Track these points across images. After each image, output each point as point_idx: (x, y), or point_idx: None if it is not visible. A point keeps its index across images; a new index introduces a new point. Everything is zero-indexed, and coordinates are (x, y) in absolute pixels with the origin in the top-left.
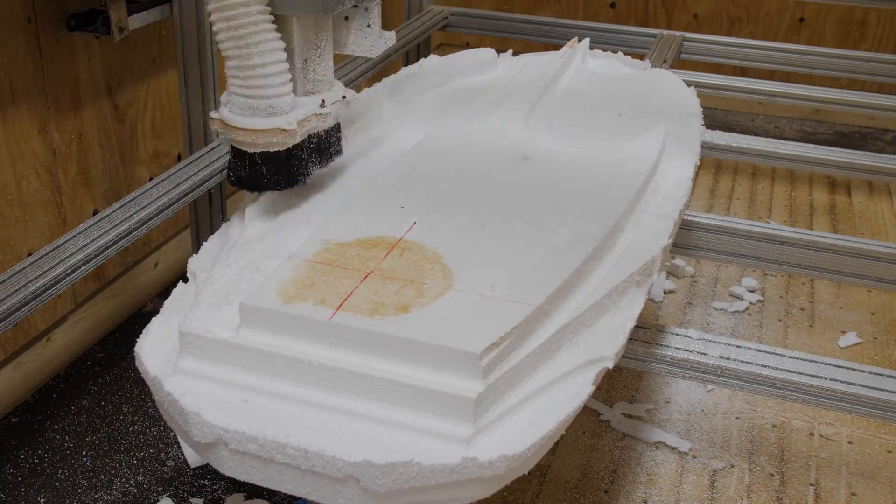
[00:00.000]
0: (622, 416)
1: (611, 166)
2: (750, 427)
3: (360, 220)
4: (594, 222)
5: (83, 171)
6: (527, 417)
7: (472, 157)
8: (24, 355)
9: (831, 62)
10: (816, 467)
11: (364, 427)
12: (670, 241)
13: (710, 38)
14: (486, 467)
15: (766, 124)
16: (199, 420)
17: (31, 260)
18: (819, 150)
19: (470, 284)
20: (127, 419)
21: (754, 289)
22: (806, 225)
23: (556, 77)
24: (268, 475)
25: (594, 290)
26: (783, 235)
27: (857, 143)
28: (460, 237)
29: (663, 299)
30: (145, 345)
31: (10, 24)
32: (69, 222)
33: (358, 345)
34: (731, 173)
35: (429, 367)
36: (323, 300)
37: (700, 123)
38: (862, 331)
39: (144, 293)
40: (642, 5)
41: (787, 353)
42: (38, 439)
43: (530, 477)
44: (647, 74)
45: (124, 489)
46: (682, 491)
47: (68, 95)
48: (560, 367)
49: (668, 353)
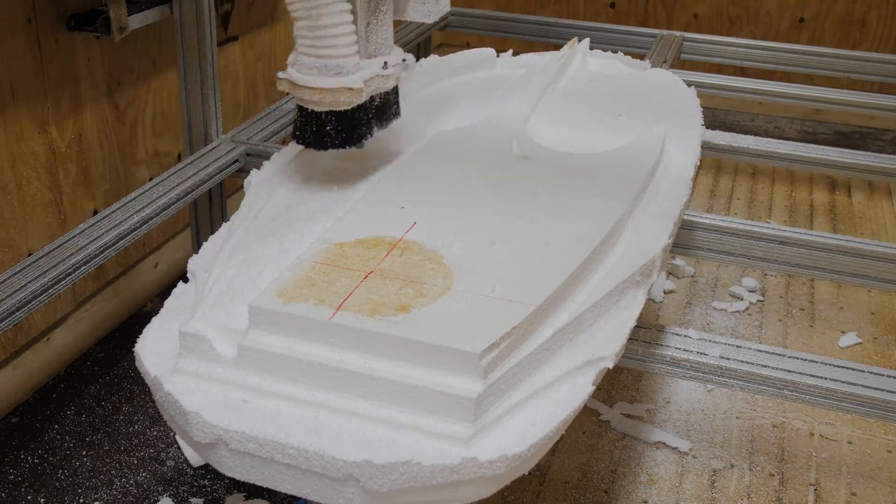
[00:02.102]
0: (622, 416)
1: (611, 166)
2: (750, 427)
3: (360, 220)
4: (594, 222)
5: (83, 171)
6: (527, 417)
7: (472, 157)
8: (24, 355)
9: (831, 62)
10: (816, 467)
11: (364, 427)
12: (670, 241)
13: (710, 38)
14: (486, 467)
15: (766, 124)
16: (199, 420)
17: (31, 260)
18: (819, 150)
19: (470, 284)
20: (127, 419)
21: (754, 289)
22: (806, 225)
23: (556, 77)
24: (268, 475)
25: (594, 290)
26: (783, 235)
27: (857, 143)
28: (460, 237)
29: (663, 299)
30: (145, 345)
31: (10, 24)
32: (69, 222)
33: (358, 345)
34: (731, 173)
35: (429, 367)
36: (323, 300)
37: (700, 123)
38: (862, 331)
39: (144, 293)
40: (642, 5)
41: (787, 353)
42: (38, 439)
43: (530, 477)
44: (647, 74)
45: (124, 489)
46: (682, 491)
47: (68, 95)
48: (560, 367)
49: (668, 353)
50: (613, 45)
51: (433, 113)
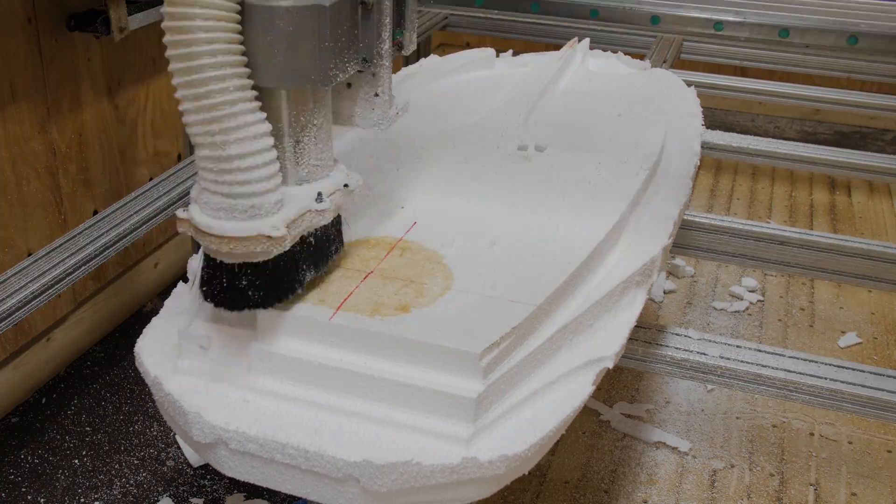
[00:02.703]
0: (622, 416)
1: (611, 166)
2: (750, 427)
3: (360, 221)
4: (594, 222)
5: (83, 171)
6: (527, 417)
7: (472, 157)
8: (24, 355)
9: (831, 62)
10: (816, 467)
11: (364, 427)
12: (670, 241)
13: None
14: (486, 467)
15: (766, 124)
16: (199, 420)
17: (31, 260)
18: (819, 150)
19: (470, 284)
20: (127, 419)
21: (754, 289)
22: (806, 225)
23: (556, 77)
24: (268, 475)
25: (594, 289)
26: (783, 235)
27: (857, 143)
28: (460, 237)
29: (663, 299)
30: (145, 345)
31: (10, 24)
32: (69, 222)
33: (358, 345)
34: (731, 173)
35: (429, 367)
36: (323, 300)
37: (700, 123)
38: (862, 331)
39: (144, 293)
40: None
41: (787, 353)
42: (38, 439)
43: (530, 477)
44: (648, 74)
45: (124, 489)
46: (682, 491)
47: (68, 95)
48: (560, 367)
49: (668, 353)
50: (613, 45)
51: (433, 112)
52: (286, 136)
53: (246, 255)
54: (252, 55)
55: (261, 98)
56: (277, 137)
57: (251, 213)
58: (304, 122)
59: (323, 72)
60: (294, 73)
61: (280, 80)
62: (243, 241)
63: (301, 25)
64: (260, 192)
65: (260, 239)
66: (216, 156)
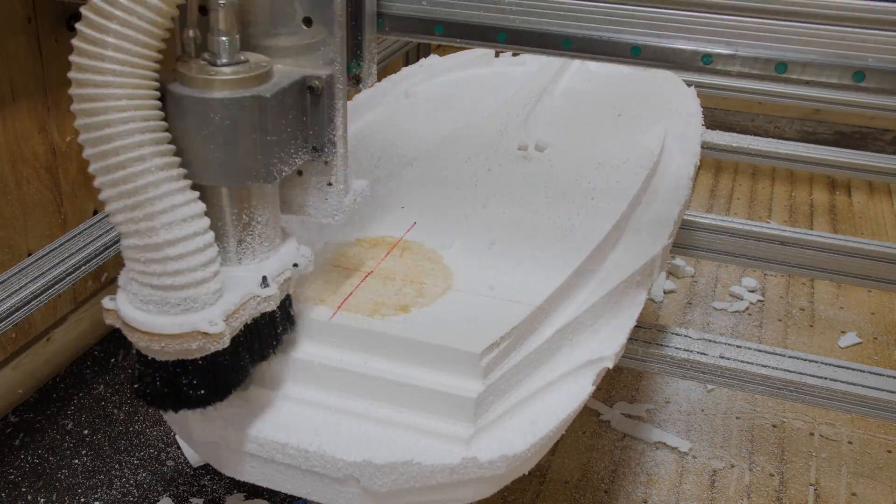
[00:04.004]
0: (622, 416)
1: (611, 166)
2: (750, 427)
3: (360, 221)
4: (594, 222)
5: (83, 171)
6: (527, 417)
7: (472, 157)
8: (24, 355)
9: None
10: (816, 467)
11: (364, 427)
12: (670, 241)
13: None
14: (486, 467)
15: (766, 124)
16: (199, 420)
17: (31, 260)
18: (819, 150)
19: (470, 284)
20: (127, 419)
21: (754, 289)
22: (806, 225)
23: (557, 77)
24: (268, 475)
25: (594, 290)
26: (783, 235)
27: (857, 143)
28: (460, 237)
29: (663, 299)
30: None
31: (10, 24)
32: (69, 222)
33: (358, 345)
34: (731, 173)
35: (429, 366)
36: (323, 300)
37: (700, 123)
38: (862, 331)
39: None
40: None
41: (787, 353)
42: (38, 439)
43: (530, 477)
44: (647, 74)
45: (124, 489)
46: (682, 491)
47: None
48: (560, 367)
49: (668, 353)
50: None
51: (433, 112)
52: (229, 235)
53: (181, 353)
54: (186, 150)
55: (201, 197)
56: (218, 237)
57: (185, 307)
58: (246, 221)
59: (266, 168)
60: (234, 170)
61: (218, 178)
62: (177, 338)
63: (239, 118)
64: (195, 283)
65: (196, 335)
66: (142, 244)
